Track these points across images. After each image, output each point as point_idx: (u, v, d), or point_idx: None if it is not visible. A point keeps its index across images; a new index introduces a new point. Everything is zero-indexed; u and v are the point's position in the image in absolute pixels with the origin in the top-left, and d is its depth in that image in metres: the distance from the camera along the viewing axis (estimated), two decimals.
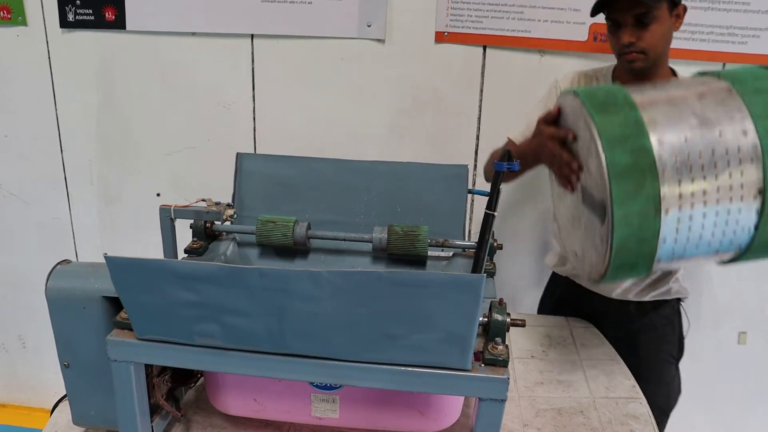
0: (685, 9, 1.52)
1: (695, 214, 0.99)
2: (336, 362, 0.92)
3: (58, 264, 1.09)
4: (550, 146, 1.19)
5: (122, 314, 1.01)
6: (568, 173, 1.15)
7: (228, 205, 1.20)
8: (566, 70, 1.91)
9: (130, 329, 0.98)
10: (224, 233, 1.38)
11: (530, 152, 1.30)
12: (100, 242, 2.30)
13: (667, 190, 0.97)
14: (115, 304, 1.05)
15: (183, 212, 1.22)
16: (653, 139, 0.98)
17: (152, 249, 2.23)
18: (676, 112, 1.01)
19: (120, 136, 2.16)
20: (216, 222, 1.33)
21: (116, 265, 0.90)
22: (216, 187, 2.11)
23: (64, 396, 1.29)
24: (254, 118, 2.06)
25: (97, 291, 1.05)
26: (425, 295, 0.84)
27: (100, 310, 1.06)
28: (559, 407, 1.36)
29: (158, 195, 2.17)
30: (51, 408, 1.26)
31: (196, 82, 2.05)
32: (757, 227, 1.00)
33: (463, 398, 1.12)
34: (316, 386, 1.05)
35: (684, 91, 1.06)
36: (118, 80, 2.09)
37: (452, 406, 1.08)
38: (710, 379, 2.18)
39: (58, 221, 2.30)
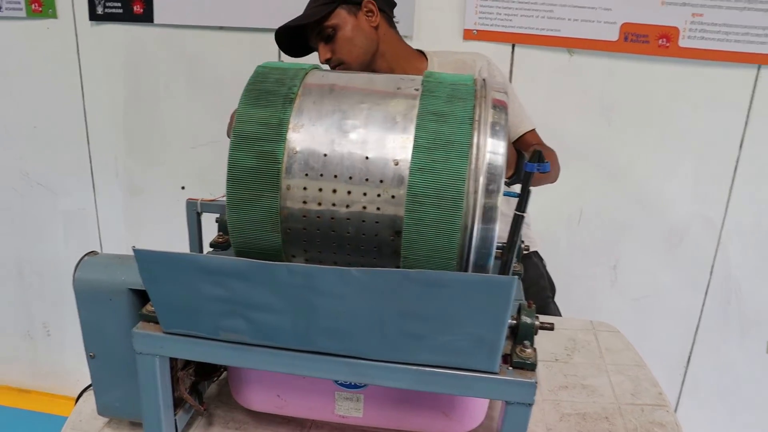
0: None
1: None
2: (362, 361, 0.90)
3: (85, 255, 1.08)
4: None
5: (148, 307, 1.00)
6: None
7: None
8: (596, 69, 1.90)
9: (156, 322, 0.97)
10: None
11: None
12: (125, 233, 2.31)
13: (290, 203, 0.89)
14: (141, 296, 1.04)
15: (209, 206, 1.21)
16: (289, 144, 0.89)
17: (176, 242, 2.24)
18: (335, 118, 0.90)
19: (146, 129, 2.16)
20: None
21: (144, 259, 0.89)
22: None
23: (89, 386, 1.28)
24: None
25: (124, 283, 1.04)
26: (454, 296, 0.82)
27: (127, 302, 1.04)
28: (583, 412, 1.33)
29: (183, 188, 2.17)
30: (75, 396, 1.26)
31: (223, 76, 2.04)
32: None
33: (488, 401, 1.10)
34: (341, 384, 1.04)
35: (371, 97, 0.94)
36: (145, 73, 2.09)
37: (477, 409, 1.06)
38: (737, 387, 2.14)
39: (83, 212, 2.31)
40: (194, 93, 2.08)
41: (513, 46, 1.90)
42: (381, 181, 0.86)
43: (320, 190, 0.87)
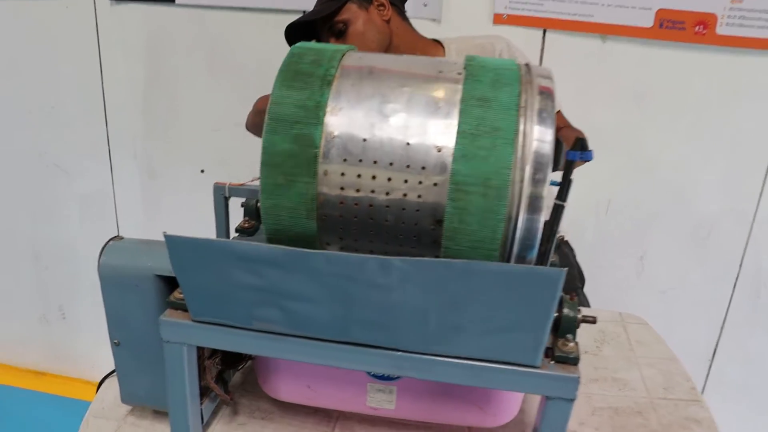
0: None
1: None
2: (400, 353, 0.88)
3: (110, 240, 1.06)
4: None
5: (176, 294, 0.98)
6: None
7: None
8: (630, 57, 1.85)
9: (184, 310, 0.95)
10: None
11: None
12: (142, 217, 2.30)
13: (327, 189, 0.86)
14: (168, 283, 1.02)
15: (238, 190, 1.18)
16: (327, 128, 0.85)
17: (196, 226, 2.21)
18: (375, 102, 0.87)
19: (165, 111, 2.14)
20: None
21: (175, 245, 0.87)
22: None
23: (111, 372, 1.27)
24: None
25: (150, 269, 1.02)
26: (499, 288, 0.80)
27: (153, 288, 1.02)
28: (615, 407, 1.30)
29: (202, 171, 2.16)
30: (90, 380, 1.24)
31: (245, 58, 2.02)
32: None
33: (522, 394, 1.07)
34: (374, 376, 1.02)
35: (411, 79, 0.90)
36: (166, 55, 2.07)
37: (512, 402, 1.04)
38: (763, 383, 2.12)
39: (100, 194, 2.30)
40: (216, 75, 2.05)
41: (544, 32, 1.85)
42: (423, 168, 0.83)
43: (359, 176, 0.85)
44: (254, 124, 1.58)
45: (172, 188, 2.23)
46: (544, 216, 0.87)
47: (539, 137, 0.85)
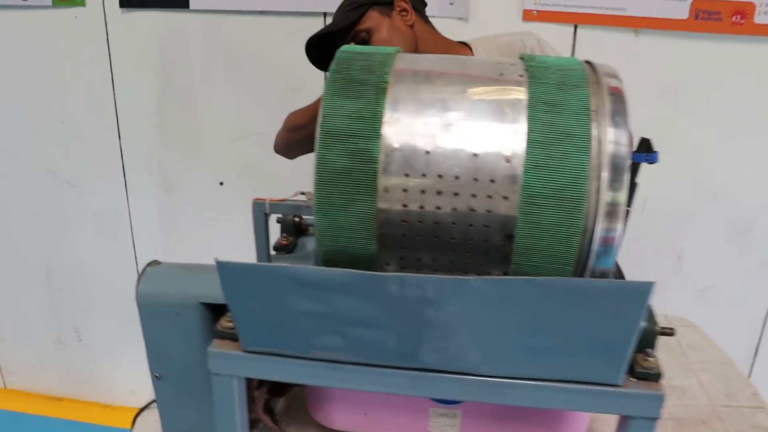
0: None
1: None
2: (472, 377, 0.83)
3: (147, 266, 1.00)
4: None
5: (223, 322, 0.93)
6: None
7: None
8: (664, 50, 1.79)
9: (232, 339, 0.90)
10: (310, 227, 1.28)
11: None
12: (159, 233, 2.25)
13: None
14: (213, 310, 0.96)
15: (279, 206, 1.11)
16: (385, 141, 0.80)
17: (216, 241, 2.21)
18: (436, 109, 0.81)
19: (181, 122, 2.08)
20: (304, 215, 1.23)
21: (229, 272, 0.81)
22: (285, 175, 2.02)
23: (147, 405, 1.22)
24: None
25: (194, 296, 0.96)
26: (584, 304, 0.76)
27: (197, 317, 0.96)
28: (678, 417, 1.24)
29: (221, 184, 2.11)
30: (109, 404, 1.18)
31: (264, 63, 1.96)
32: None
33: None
34: (437, 400, 0.97)
35: (472, 82, 0.85)
36: (180, 62, 2.01)
37: (582, 421, 1.00)
38: None
39: (115, 211, 2.25)
40: (233, 83, 2.00)
41: (575, 27, 1.80)
42: (492, 181, 0.78)
43: (422, 191, 0.80)
44: (286, 143, 1.51)
45: (189, 202, 2.18)
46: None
47: (615, 141, 0.80)
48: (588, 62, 0.90)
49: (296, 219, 1.23)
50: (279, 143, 1.52)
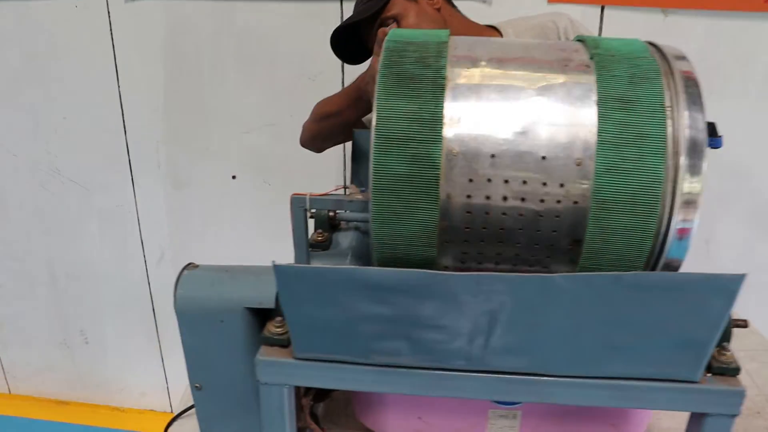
0: None
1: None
2: (545, 378, 0.81)
3: (184, 269, 0.94)
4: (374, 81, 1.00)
5: (271, 328, 0.88)
6: None
7: None
8: (694, 30, 1.75)
9: (281, 346, 0.86)
10: (343, 222, 1.23)
11: (362, 87, 1.07)
12: (168, 232, 2.19)
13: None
14: (257, 315, 0.91)
15: (321, 202, 1.04)
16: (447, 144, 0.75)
17: (231, 238, 2.15)
18: (500, 107, 0.77)
19: (190, 114, 2.02)
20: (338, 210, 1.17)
21: (287, 275, 0.77)
22: (300, 168, 1.98)
23: (181, 413, 1.17)
24: None
25: (239, 301, 0.90)
26: (670, 298, 0.74)
27: (242, 323, 0.91)
28: None
29: (234, 177, 2.06)
30: (119, 406, 1.12)
31: (277, 51, 1.90)
32: None
33: None
34: (497, 401, 0.94)
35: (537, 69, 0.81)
36: (188, 53, 1.95)
37: (646, 416, 0.99)
38: None
39: (121, 209, 2.18)
40: (245, 72, 1.94)
41: (602, 8, 1.75)
42: (561, 186, 0.75)
43: (488, 197, 0.76)
44: (315, 134, 1.45)
45: (200, 198, 2.12)
46: None
47: (692, 137, 0.76)
48: (652, 44, 0.87)
49: (330, 214, 1.18)
50: (306, 135, 1.45)
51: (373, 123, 0.76)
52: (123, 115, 2.05)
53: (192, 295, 0.91)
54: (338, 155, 1.94)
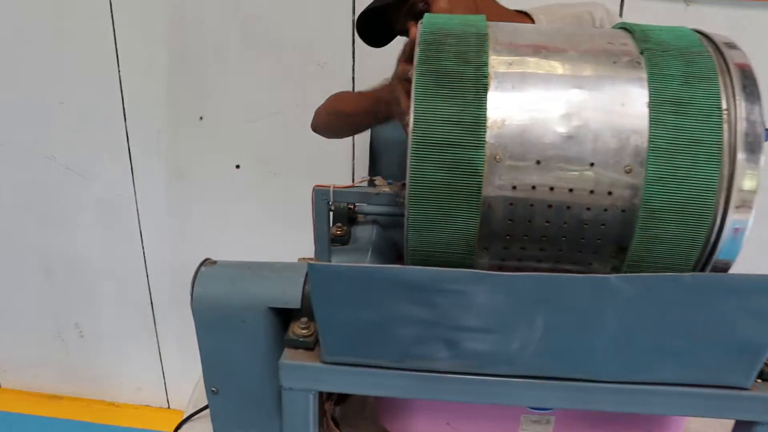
0: None
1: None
2: (591, 384, 0.78)
3: (201, 265, 0.89)
4: (397, 90, 0.94)
5: (296, 329, 0.85)
6: (406, 128, 0.86)
7: (403, 184, 0.96)
8: (718, 21, 1.70)
9: (306, 348, 0.82)
10: (361, 215, 1.19)
11: (381, 98, 1.03)
12: (169, 222, 2.13)
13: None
14: (281, 316, 0.87)
15: (346, 194, 1.00)
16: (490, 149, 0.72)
17: (234, 231, 2.10)
18: (545, 109, 0.74)
19: (193, 101, 1.96)
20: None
21: (322, 275, 0.74)
22: (307, 158, 1.94)
23: (192, 415, 1.13)
24: (353, 79, 1.85)
25: (262, 300, 0.86)
26: (730, 301, 0.72)
27: (265, 324, 0.87)
28: None
29: (238, 167, 2.00)
30: (114, 401, 1.07)
31: (284, 37, 1.84)
32: None
33: None
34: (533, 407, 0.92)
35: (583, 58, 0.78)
36: (192, 35, 1.89)
37: (682, 422, 0.97)
38: None
39: (120, 198, 2.12)
40: (250, 58, 1.87)
41: None
42: (609, 194, 0.73)
43: (531, 205, 0.73)
44: (327, 126, 1.39)
45: (202, 188, 2.06)
46: None
47: (750, 145, 0.72)
48: (701, 33, 0.83)
49: (350, 207, 1.13)
50: (320, 123, 1.40)
51: (410, 126, 0.72)
52: (123, 100, 1.99)
53: (211, 294, 0.87)
54: (347, 145, 1.89)
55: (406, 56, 0.96)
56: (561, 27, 0.91)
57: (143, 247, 2.19)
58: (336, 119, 1.35)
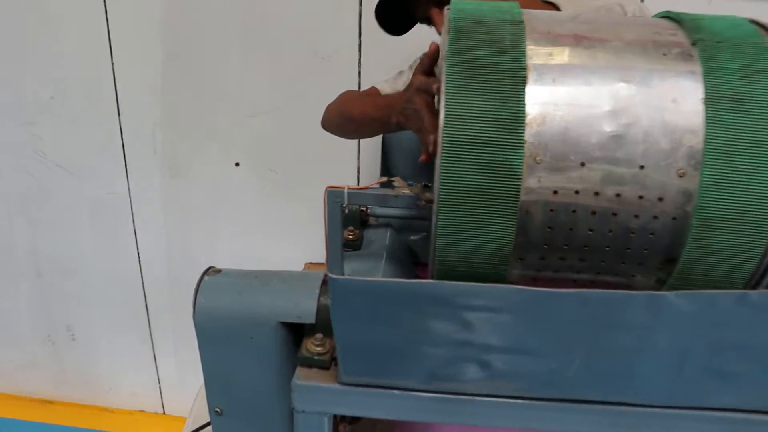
0: None
1: None
2: (642, 410, 0.72)
3: (205, 274, 0.82)
4: (417, 103, 0.88)
5: (310, 346, 0.79)
6: (427, 144, 0.82)
7: (425, 186, 0.90)
8: (741, 15, 1.65)
9: (321, 368, 0.76)
10: (372, 218, 1.12)
11: (395, 109, 0.97)
12: (165, 222, 2.06)
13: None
14: (292, 331, 0.80)
15: (361, 197, 0.93)
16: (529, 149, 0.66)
17: (229, 230, 2.04)
18: (589, 105, 0.67)
19: (190, 96, 1.90)
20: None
21: (345, 290, 0.67)
22: (309, 156, 1.87)
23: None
24: (359, 73, 1.78)
25: (273, 314, 0.79)
26: None
27: (275, 340, 0.80)
28: None
29: (237, 164, 1.93)
30: (107, 406, 1.02)
31: (286, 28, 1.77)
32: None
33: None
34: None
35: (625, 50, 0.71)
36: (189, 27, 1.82)
37: None
38: None
39: (114, 197, 2.05)
40: (250, 50, 1.81)
41: None
42: (660, 200, 0.66)
43: (574, 212, 0.67)
44: (336, 126, 1.31)
45: (199, 187, 1.99)
46: None
47: None
48: (757, 23, 0.77)
49: (362, 209, 1.06)
50: (330, 122, 1.32)
51: (441, 123, 0.66)
52: (117, 95, 1.92)
53: (215, 306, 0.80)
54: (353, 142, 1.82)
55: (424, 68, 0.90)
56: (600, 15, 0.84)
57: (138, 248, 2.12)
58: (345, 123, 1.28)
